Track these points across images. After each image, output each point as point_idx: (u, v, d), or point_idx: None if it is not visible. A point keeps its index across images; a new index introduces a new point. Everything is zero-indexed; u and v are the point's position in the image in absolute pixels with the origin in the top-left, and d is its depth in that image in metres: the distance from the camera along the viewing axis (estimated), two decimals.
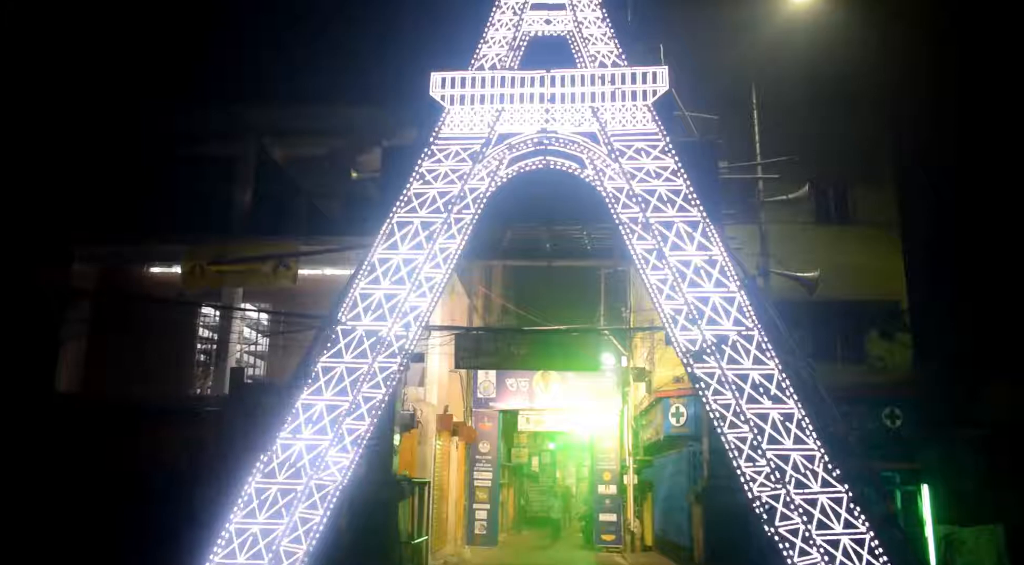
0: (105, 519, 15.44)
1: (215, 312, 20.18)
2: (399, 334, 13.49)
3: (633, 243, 13.98)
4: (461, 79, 14.89)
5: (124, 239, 19.25)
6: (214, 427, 16.27)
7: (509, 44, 15.46)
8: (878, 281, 18.81)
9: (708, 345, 12.76)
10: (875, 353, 18.80)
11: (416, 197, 14.25)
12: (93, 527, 15.45)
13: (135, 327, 18.80)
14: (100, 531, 15.32)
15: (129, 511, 15.27)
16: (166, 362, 19.63)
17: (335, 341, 13.36)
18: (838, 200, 19.89)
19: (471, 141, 14.60)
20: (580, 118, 14.60)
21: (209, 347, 20.76)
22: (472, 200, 14.40)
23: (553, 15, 15.89)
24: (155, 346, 19.04)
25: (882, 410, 18.09)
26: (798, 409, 12.37)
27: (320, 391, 13.05)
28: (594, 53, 15.21)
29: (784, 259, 16.74)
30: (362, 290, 13.67)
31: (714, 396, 12.71)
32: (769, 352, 12.71)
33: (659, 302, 13.50)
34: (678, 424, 19.31)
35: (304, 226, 21.13)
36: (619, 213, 14.17)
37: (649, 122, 14.41)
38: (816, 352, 17.58)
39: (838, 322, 18.86)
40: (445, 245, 14.10)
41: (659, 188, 13.84)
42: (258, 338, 21.49)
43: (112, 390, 18.37)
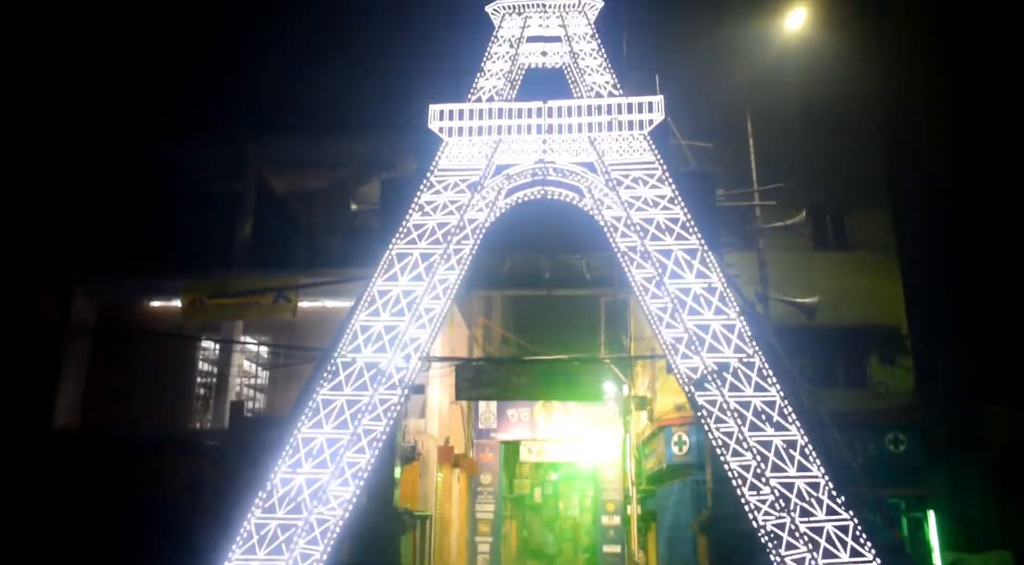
0: (104, 554, 15.27)
1: (215, 345, 20.15)
2: (399, 366, 13.46)
3: (632, 271, 14.01)
4: (459, 111, 15.03)
5: (124, 272, 19.27)
6: (214, 461, 16.17)
7: (506, 76, 15.63)
8: (878, 306, 18.79)
9: (709, 373, 12.74)
10: (877, 378, 18.71)
11: (415, 228, 14.31)
12: (91, 562, 15.28)
13: (135, 360, 18.78)
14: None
15: (128, 546, 15.11)
16: (166, 396, 19.57)
17: (335, 373, 13.32)
18: (836, 225, 19.94)
19: (469, 172, 14.69)
20: (578, 148, 14.71)
21: (209, 381, 20.70)
22: (471, 231, 14.45)
23: (549, 47, 16.10)
24: (155, 380, 19.01)
25: (885, 435, 17.96)
26: (801, 436, 12.31)
27: (320, 424, 12.98)
28: (590, 84, 15.37)
29: (783, 285, 16.74)
30: (362, 322, 13.66)
31: (716, 424, 12.65)
32: (770, 379, 12.68)
33: (659, 330, 13.49)
34: (681, 453, 19.15)
35: (304, 258, 21.18)
36: (618, 242, 14.22)
37: (646, 151, 14.51)
38: (817, 378, 17.53)
39: (839, 347, 18.80)
40: (444, 276, 14.12)
41: (657, 216, 13.90)
42: (258, 371, 21.43)
43: (111, 424, 18.28)
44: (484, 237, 14.55)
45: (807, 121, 19.45)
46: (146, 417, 18.52)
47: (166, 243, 19.60)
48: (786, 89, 19.24)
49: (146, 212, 19.81)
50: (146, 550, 14.81)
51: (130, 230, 19.58)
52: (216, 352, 20.32)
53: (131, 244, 19.38)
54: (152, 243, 19.45)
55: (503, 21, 16.32)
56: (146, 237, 19.49)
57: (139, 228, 19.61)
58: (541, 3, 16.24)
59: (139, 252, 19.27)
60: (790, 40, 18.30)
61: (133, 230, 19.58)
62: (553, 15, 16.26)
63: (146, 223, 19.69)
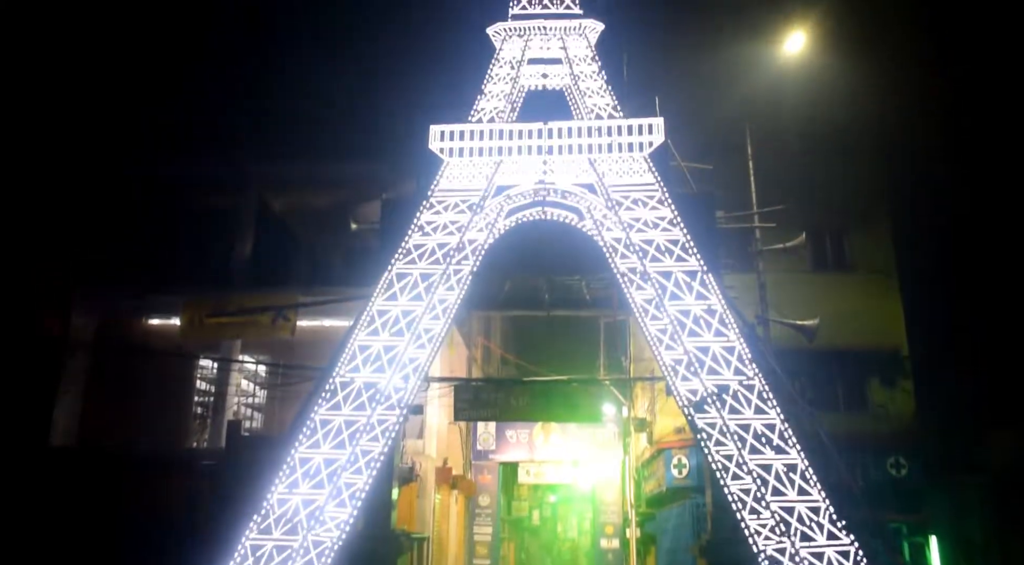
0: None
1: (213, 364, 20.09)
2: (398, 386, 13.41)
3: (632, 293, 13.99)
4: (460, 132, 15.08)
5: (123, 290, 19.25)
6: (210, 480, 16.05)
7: (507, 97, 15.71)
8: (878, 328, 18.76)
9: (709, 395, 12.69)
10: (877, 401, 18.64)
11: (415, 249, 14.31)
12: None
13: (133, 378, 18.72)
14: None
15: (123, 564, 14.99)
16: (163, 414, 19.49)
17: (333, 393, 13.27)
18: (835, 247, 19.96)
19: (470, 193, 14.72)
20: (578, 169, 14.76)
21: (206, 399, 20.63)
22: (471, 251, 14.45)
23: (550, 69, 16.20)
24: (152, 398, 18.95)
25: (887, 459, 17.85)
26: (801, 459, 12.24)
27: (318, 444, 12.91)
28: (591, 106, 15.45)
29: (783, 307, 16.71)
30: (361, 342, 13.63)
31: (716, 447, 12.58)
32: (770, 401, 12.63)
33: (659, 352, 13.45)
34: (680, 476, 19.04)
35: (304, 277, 21.18)
36: (618, 263, 14.22)
37: (646, 173, 14.55)
38: (817, 400, 17.47)
39: (839, 370, 18.75)
40: (444, 296, 14.11)
41: (657, 238, 13.91)
42: (255, 390, 21.36)
43: (109, 441, 18.19)
44: (484, 258, 14.55)
45: (807, 143, 19.54)
46: (143, 435, 18.43)
47: (166, 260, 19.62)
48: (786, 111, 19.34)
49: (147, 229, 19.84)
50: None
51: (130, 247, 19.60)
52: (214, 371, 20.27)
53: (131, 261, 19.38)
54: (152, 260, 19.46)
55: (504, 43, 16.43)
56: (146, 254, 19.50)
57: (139, 245, 19.63)
58: (542, 26, 16.35)
59: (139, 269, 19.27)
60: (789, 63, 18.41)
61: (133, 247, 19.59)
62: (554, 37, 16.37)
63: (146, 240, 19.71)
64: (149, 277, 19.08)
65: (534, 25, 16.36)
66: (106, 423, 18.68)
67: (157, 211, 20.02)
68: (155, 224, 19.80)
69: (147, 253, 19.45)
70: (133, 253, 19.43)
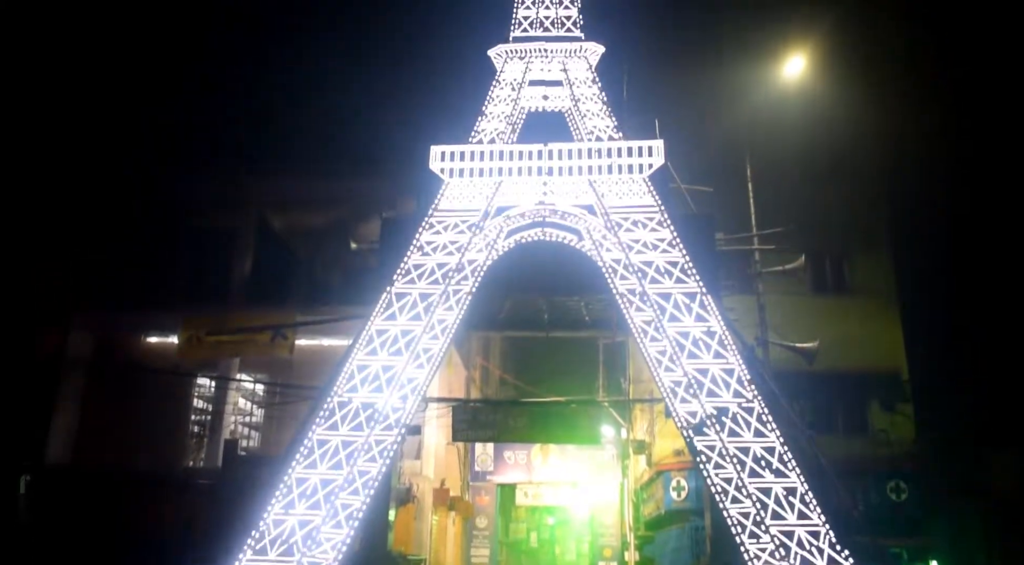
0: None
1: (210, 382, 20.01)
2: (396, 406, 13.36)
3: (631, 314, 13.98)
4: (460, 153, 15.14)
5: (122, 307, 19.22)
6: (206, 500, 15.96)
7: (507, 119, 15.78)
8: (877, 351, 18.71)
9: (708, 417, 12.63)
10: (877, 424, 18.56)
11: (415, 268, 14.32)
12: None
13: (130, 396, 18.63)
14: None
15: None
16: (160, 432, 19.35)
17: (331, 413, 13.22)
18: (835, 270, 19.96)
19: (470, 213, 14.75)
20: (577, 191, 14.80)
21: (203, 418, 20.50)
22: (470, 271, 14.46)
23: (551, 91, 16.29)
24: (149, 416, 18.82)
25: (887, 483, 17.74)
26: (801, 483, 12.16)
27: (314, 464, 12.84)
28: (591, 127, 15.51)
29: (782, 330, 16.68)
30: (359, 361, 13.60)
31: (715, 470, 12.51)
32: (770, 424, 12.58)
33: (658, 374, 13.41)
34: (679, 498, 18.92)
35: (302, 296, 21.15)
36: (617, 284, 14.22)
37: (646, 195, 14.59)
38: (817, 424, 17.37)
39: (839, 393, 18.67)
40: (443, 316, 14.10)
41: (656, 260, 13.92)
42: (253, 409, 21.25)
43: (104, 460, 18.07)
44: (483, 278, 14.56)
45: (807, 166, 19.58)
46: (140, 454, 18.30)
47: (165, 278, 19.60)
48: (785, 134, 19.40)
49: (146, 247, 19.84)
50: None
51: (130, 265, 19.59)
52: (212, 389, 20.17)
53: (131, 279, 19.37)
54: (152, 278, 19.44)
55: (505, 65, 16.53)
56: (146, 272, 19.49)
57: (139, 263, 19.62)
58: (543, 48, 16.46)
59: (138, 286, 19.25)
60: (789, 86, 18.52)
61: (133, 265, 19.58)
62: (555, 60, 16.47)
63: (146, 258, 19.70)
64: (148, 295, 19.06)
65: (535, 47, 16.47)
66: (102, 441, 18.56)
67: (157, 229, 20.04)
68: (155, 242, 19.80)
69: (146, 271, 19.44)
70: (132, 271, 19.42)
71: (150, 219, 20.08)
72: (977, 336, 19.62)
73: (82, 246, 19.32)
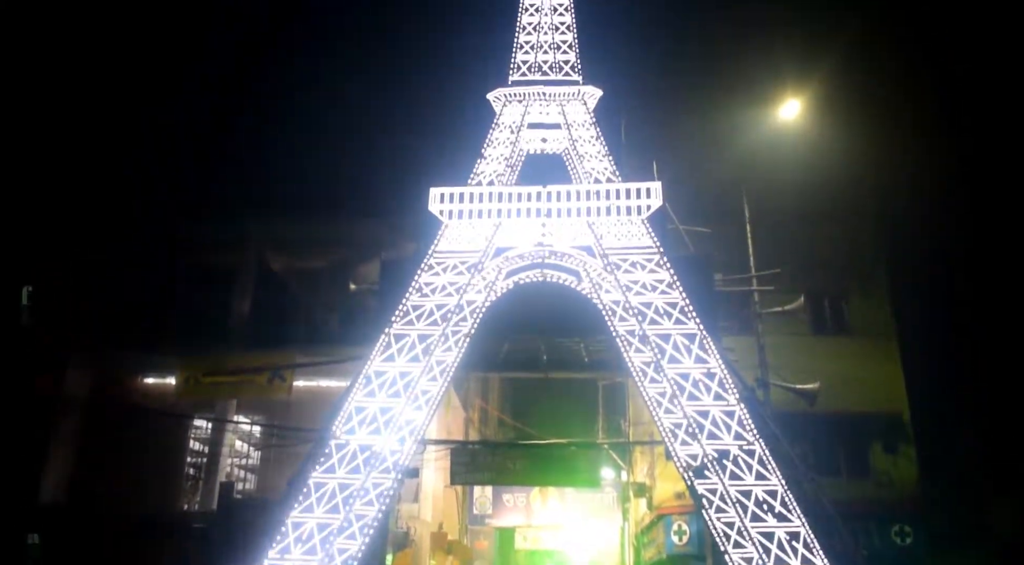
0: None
1: (207, 424, 19.86)
2: (394, 449, 13.25)
3: (631, 355, 13.93)
4: (459, 194, 15.24)
5: (120, 347, 19.15)
6: (200, 544, 15.73)
7: (506, 161, 15.92)
8: (879, 392, 18.57)
9: (709, 460, 12.51)
10: (880, 467, 18.35)
11: (414, 309, 14.31)
12: None
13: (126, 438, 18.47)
14: None
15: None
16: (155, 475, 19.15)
17: (328, 455, 13.09)
18: (834, 310, 19.92)
19: (469, 254, 14.80)
20: (576, 232, 14.85)
21: (199, 460, 20.31)
22: (469, 313, 14.45)
23: (549, 134, 16.47)
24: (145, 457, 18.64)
25: (891, 527, 17.48)
26: (804, 527, 12.01)
27: (311, 508, 12.68)
28: (589, 169, 15.64)
29: (782, 370, 16.60)
30: (357, 403, 13.52)
31: (717, 514, 12.36)
32: (772, 467, 12.46)
33: (658, 416, 13.33)
34: (681, 543, 18.62)
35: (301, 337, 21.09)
36: (616, 325, 14.20)
37: (644, 236, 14.65)
38: (819, 466, 17.18)
39: (841, 435, 18.48)
40: (442, 357, 14.05)
41: (655, 301, 13.92)
42: (249, 451, 21.07)
43: (99, 502, 17.84)
44: (482, 319, 14.54)
45: (805, 206, 19.67)
46: (135, 496, 18.08)
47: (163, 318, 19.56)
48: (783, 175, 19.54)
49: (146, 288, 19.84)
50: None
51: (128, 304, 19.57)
52: (208, 431, 20.02)
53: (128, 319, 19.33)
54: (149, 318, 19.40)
55: (504, 108, 16.73)
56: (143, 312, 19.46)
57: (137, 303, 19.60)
58: (542, 92, 16.67)
59: (136, 327, 19.20)
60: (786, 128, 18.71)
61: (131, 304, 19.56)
62: (553, 103, 16.67)
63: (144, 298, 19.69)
64: (146, 335, 19.00)
65: (534, 91, 16.69)
66: (98, 483, 18.36)
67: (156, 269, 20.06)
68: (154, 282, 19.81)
69: (145, 311, 19.42)
70: (131, 311, 19.39)
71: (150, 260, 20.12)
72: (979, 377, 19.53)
73: (80, 285, 19.33)
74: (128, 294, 19.67)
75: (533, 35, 17.35)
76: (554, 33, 17.39)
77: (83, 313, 19.17)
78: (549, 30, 17.39)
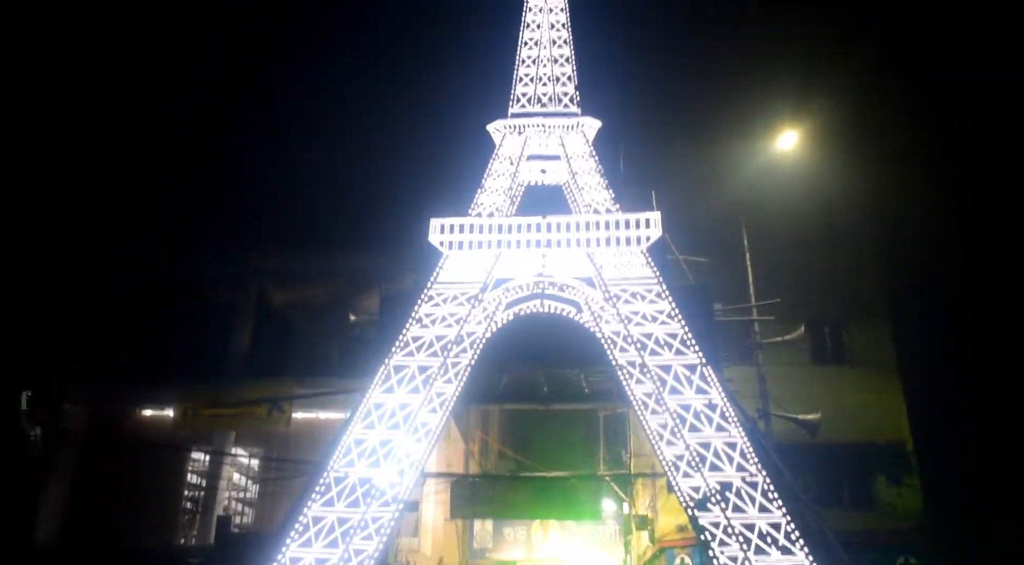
0: None
1: (205, 457, 19.71)
2: (393, 481, 13.12)
3: (631, 386, 13.88)
4: (460, 225, 15.27)
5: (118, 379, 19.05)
6: None
7: (506, 192, 15.99)
8: (881, 422, 18.47)
9: (711, 492, 12.39)
10: (884, 498, 18.19)
11: (413, 341, 14.28)
12: None
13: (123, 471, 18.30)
14: None
15: None
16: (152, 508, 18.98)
17: (327, 489, 12.97)
18: (834, 340, 19.88)
19: (469, 285, 14.79)
20: (576, 263, 14.86)
21: (196, 494, 20.12)
22: (469, 344, 14.41)
23: (549, 165, 16.56)
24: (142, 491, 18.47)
25: (896, 559, 17.29)
26: (808, 561, 11.85)
27: (309, 542, 12.53)
28: (589, 200, 15.70)
29: (784, 401, 16.52)
30: (356, 435, 13.42)
31: (720, 548, 12.21)
32: (775, 499, 12.34)
33: (660, 448, 13.23)
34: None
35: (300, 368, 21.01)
36: (616, 356, 14.16)
37: (644, 266, 14.66)
38: (822, 497, 17.02)
39: (843, 465, 18.34)
40: (442, 389, 13.99)
41: (656, 331, 13.89)
42: (248, 484, 20.88)
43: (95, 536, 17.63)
44: (482, 350, 14.50)
45: (804, 236, 19.71)
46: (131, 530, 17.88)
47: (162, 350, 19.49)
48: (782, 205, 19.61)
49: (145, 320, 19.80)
50: None
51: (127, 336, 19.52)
52: (206, 464, 19.86)
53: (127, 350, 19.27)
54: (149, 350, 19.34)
55: (504, 139, 16.84)
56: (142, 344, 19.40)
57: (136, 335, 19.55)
58: (541, 123, 16.80)
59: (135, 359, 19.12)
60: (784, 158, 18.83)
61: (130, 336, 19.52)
62: (553, 134, 16.79)
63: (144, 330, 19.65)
64: (145, 367, 18.92)
65: (533, 123, 16.81)
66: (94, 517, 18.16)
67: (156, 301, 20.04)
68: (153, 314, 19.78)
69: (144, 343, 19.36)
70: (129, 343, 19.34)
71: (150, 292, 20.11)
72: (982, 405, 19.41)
73: (79, 317, 19.28)
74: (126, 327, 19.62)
75: (532, 67, 17.53)
76: (553, 65, 17.57)
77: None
78: (548, 62, 17.58)
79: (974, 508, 17.72)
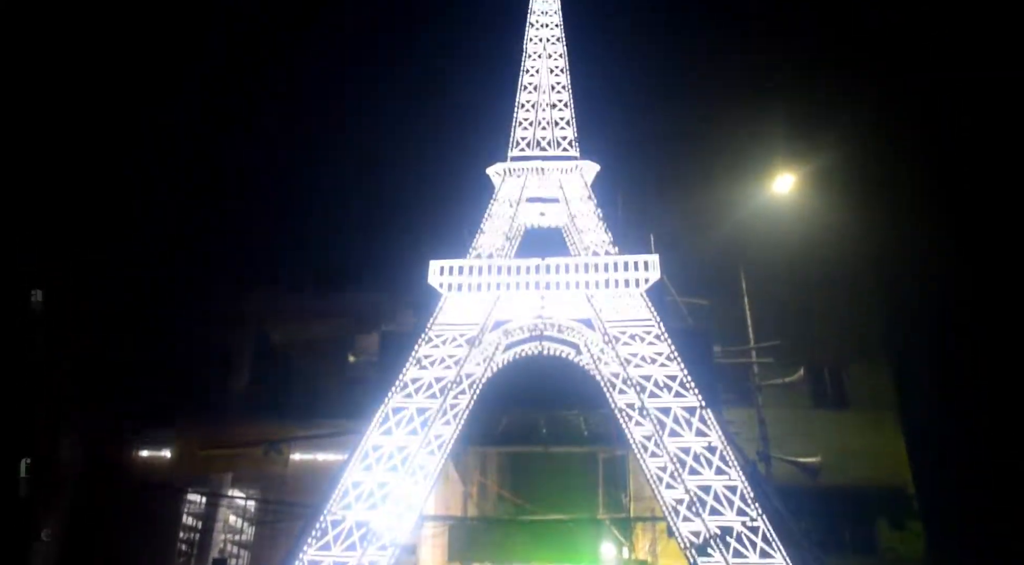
0: None
1: (201, 498, 19.52)
2: (391, 525, 13.00)
3: (631, 429, 13.83)
4: (459, 267, 15.37)
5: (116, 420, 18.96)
6: None
7: (505, 234, 16.11)
8: (882, 465, 18.34)
9: (712, 537, 12.28)
10: (886, 542, 17.99)
11: (412, 382, 14.27)
12: None
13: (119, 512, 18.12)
14: None
15: None
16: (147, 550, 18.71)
17: (323, 532, 12.85)
18: (834, 382, 19.83)
19: (468, 327, 14.83)
20: (575, 305, 14.91)
21: (192, 536, 19.87)
22: (468, 385, 14.40)
23: (548, 207, 16.71)
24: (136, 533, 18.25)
25: None
26: None
27: None
28: (587, 243, 15.81)
29: (784, 443, 16.44)
30: (354, 478, 13.34)
31: None
32: (776, 544, 12.22)
33: (659, 492, 13.14)
34: None
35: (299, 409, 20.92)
36: (616, 398, 14.14)
37: (643, 308, 14.71)
38: (824, 542, 16.84)
39: (844, 509, 18.16)
40: (440, 431, 13.94)
41: (655, 373, 13.89)
42: (243, 527, 20.64)
43: None
44: (481, 392, 14.48)
45: (803, 279, 19.78)
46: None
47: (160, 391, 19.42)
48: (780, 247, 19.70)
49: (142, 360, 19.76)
50: None
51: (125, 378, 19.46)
52: (202, 505, 19.65)
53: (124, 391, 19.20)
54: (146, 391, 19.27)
55: (503, 182, 17.02)
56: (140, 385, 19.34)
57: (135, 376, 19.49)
58: (540, 167, 16.99)
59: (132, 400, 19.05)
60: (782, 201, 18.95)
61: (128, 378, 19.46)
62: (551, 177, 16.97)
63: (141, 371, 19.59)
64: (142, 408, 18.84)
65: (532, 166, 17.01)
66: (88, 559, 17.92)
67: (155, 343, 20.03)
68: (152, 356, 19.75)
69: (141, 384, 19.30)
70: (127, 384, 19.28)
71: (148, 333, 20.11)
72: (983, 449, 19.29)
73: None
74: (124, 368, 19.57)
75: (531, 112, 17.79)
76: (552, 110, 17.83)
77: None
78: (547, 107, 17.84)
79: (977, 553, 17.51)
